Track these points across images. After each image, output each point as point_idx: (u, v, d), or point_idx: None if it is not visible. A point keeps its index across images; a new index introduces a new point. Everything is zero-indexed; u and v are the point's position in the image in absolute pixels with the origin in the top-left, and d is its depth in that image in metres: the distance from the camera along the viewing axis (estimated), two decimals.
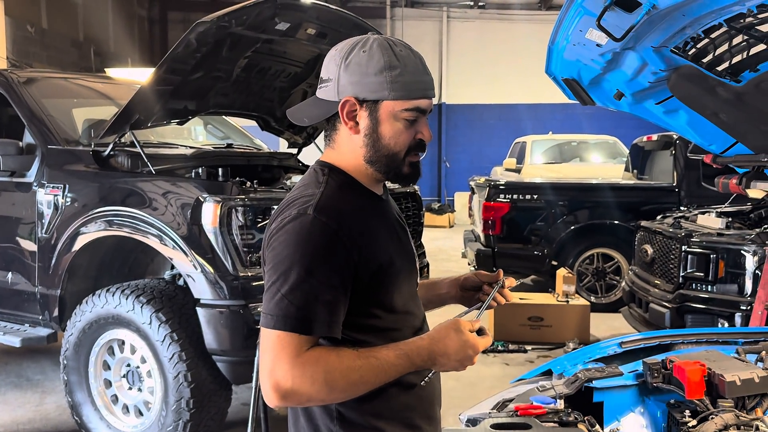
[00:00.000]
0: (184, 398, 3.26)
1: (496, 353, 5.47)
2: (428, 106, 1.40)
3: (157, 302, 3.35)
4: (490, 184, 7.18)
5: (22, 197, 3.86)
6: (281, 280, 1.26)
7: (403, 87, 1.34)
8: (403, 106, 1.35)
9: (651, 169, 7.93)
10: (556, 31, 1.82)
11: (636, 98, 2.05)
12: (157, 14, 16.07)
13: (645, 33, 1.61)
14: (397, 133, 1.37)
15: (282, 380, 1.23)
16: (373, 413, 1.35)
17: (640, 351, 2.33)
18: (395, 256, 1.40)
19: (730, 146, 2.16)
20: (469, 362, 1.32)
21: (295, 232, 1.29)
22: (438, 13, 16.31)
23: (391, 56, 1.34)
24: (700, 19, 1.48)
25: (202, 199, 3.30)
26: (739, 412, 1.76)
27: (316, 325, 1.26)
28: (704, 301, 4.43)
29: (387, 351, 1.30)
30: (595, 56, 1.84)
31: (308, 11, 3.63)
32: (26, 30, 10.72)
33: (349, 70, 1.35)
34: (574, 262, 6.94)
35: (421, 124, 1.40)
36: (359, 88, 1.34)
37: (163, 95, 3.59)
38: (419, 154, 1.42)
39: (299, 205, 1.33)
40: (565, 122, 14.50)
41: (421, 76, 1.37)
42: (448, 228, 14.12)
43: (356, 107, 1.36)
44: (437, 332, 1.33)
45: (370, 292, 1.34)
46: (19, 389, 4.56)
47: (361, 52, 1.35)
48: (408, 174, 1.42)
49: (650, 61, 1.76)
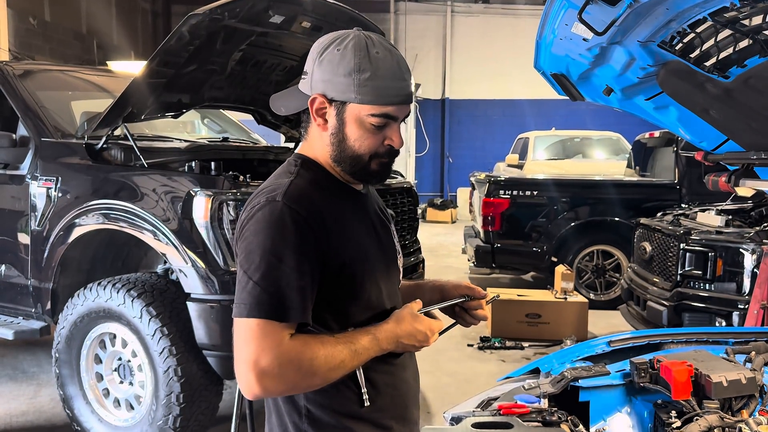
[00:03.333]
0: (174, 393, 3.25)
1: (493, 350, 5.45)
2: (398, 113, 1.34)
3: (148, 296, 3.33)
4: (490, 180, 7.15)
5: (16, 190, 3.85)
6: (252, 267, 1.25)
7: (372, 92, 1.30)
8: (370, 111, 1.32)
9: (653, 165, 7.88)
10: (542, 25, 1.79)
11: (625, 94, 2.01)
12: (160, 7, 16.05)
13: (630, 27, 1.58)
14: (362, 137, 1.34)
15: (269, 369, 1.21)
16: (342, 413, 1.33)
17: (629, 350, 2.30)
18: (371, 250, 1.39)
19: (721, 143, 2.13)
20: (427, 343, 1.41)
21: (264, 219, 1.27)
22: (442, 7, 16.24)
23: (363, 58, 1.30)
24: (684, 13, 1.44)
25: (194, 193, 3.29)
26: (723, 414, 1.73)
27: (291, 312, 1.24)
28: (702, 300, 4.40)
29: (360, 335, 1.31)
30: (582, 51, 1.81)
31: (303, 4, 3.59)
32: (29, 22, 10.71)
33: (322, 67, 1.33)
34: (573, 259, 6.91)
35: (391, 130, 1.35)
36: (329, 86, 1.32)
37: (156, 88, 3.56)
38: (388, 159, 1.38)
39: (268, 193, 1.31)
40: (568, 118, 14.42)
41: (394, 82, 1.32)
42: (451, 224, 14.10)
43: (325, 105, 1.34)
44: (398, 316, 1.36)
45: (342, 286, 1.33)
46: (14, 381, 4.57)
47: (335, 51, 1.32)
48: (374, 173, 1.38)
49: (637, 56, 1.72)
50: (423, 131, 15.89)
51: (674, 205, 6.22)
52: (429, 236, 11.51)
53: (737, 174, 2.21)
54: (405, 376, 1.46)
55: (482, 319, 1.59)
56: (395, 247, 1.52)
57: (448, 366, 4.99)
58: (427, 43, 16.32)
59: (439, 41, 16.35)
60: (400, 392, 1.43)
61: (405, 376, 1.46)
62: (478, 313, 1.57)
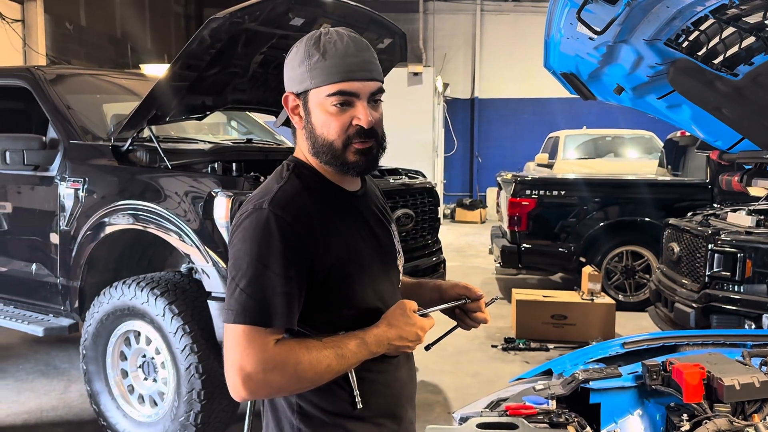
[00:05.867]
0: (196, 389, 3.31)
1: (517, 351, 5.41)
2: (357, 89, 1.32)
3: (171, 295, 3.40)
4: (516, 180, 7.09)
5: (45, 191, 3.97)
6: (240, 274, 1.27)
7: (322, 72, 1.31)
8: (325, 92, 1.32)
9: (685, 164, 7.73)
10: (549, 25, 1.78)
11: (637, 93, 1.99)
12: (193, 11, 16.30)
13: (634, 25, 1.56)
14: (327, 121, 1.33)
15: (253, 374, 1.24)
16: (334, 412, 1.35)
17: (644, 352, 2.27)
18: (363, 252, 1.39)
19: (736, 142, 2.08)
20: (419, 342, 1.40)
21: (251, 227, 1.29)
22: (471, 6, 16.15)
23: (311, 46, 1.33)
24: (686, 10, 1.42)
25: (215, 194, 3.34)
26: (733, 418, 1.70)
27: (276, 317, 1.26)
28: (731, 302, 4.31)
29: (348, 339, 1.31)
30: (590, 50, 1.79)
31: (323, 6, 3.62)
32: (65, 27, 10.99)
33: (286, 66, 1.38)
34: (602, 260, 6.82)
35: (356, 109, 1.33)
36: (291, 82, 1.37)
37: (179, 91, 3.63)
38: (365, 140, 1.34)
39: (255, 200, 1.34)
40: (601, 117, 14.21)
41: (345, 59, 1.31)
42: (480, 224, 14.02)
43: (297, 102, 1.37)
44: (389, 318, 1.36)
45: (333, 289, 1.34)
46: (46, 377, 4.70)
47: (293, 48, 1.38)
48: (355, 162, 1.35)
49: (645, 54, 1.70)
50: (451, 131, 15.83)
51: (706, 205, 6.09)
52: (457, 236, 11.47)
53: (750, 173, 2.15)
54: (399, 375, 1.46)
55: (482, 322, 1.59)
56: (395, 248, 1.52)
57: (470, 367, 4.98)
58: (455, 42, 16.25)
59: (468, 40, 16.27)
60: (394, 391, 1.44)
61: (399, 375, 1.46)
62: (477, 316, 1.56)
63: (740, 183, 2.17)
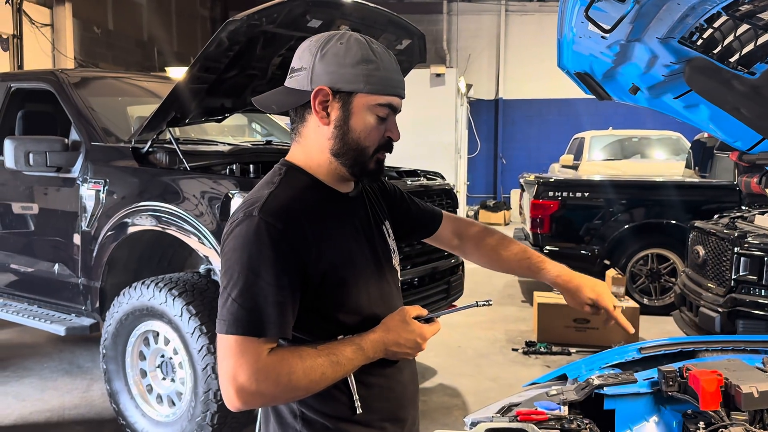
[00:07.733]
0: (212, 389, 3.32)
1: (538, 355, 5.35)
2: (398, 104, 1.40)
3: (188, 295, 3.43)
4: (539, 182, 7.02)
5: (67, 192, 4.03)
6: (231, 284, 1.26)
7: (379, 81, 1.34)
8: (377, 101, 1.35)
9: (713, 166, 7.58)
10: (561, 24, 1.74)
11: (653, 92, 1.94)
12: (219, 14, 16.48)
13: (646, 23, 1.52)
14: (368, 128, 1.36)
15: (246, 385, 1.23)
16: (335, 416, 1.34)
17: (661, 357, 2.22)
18: (357, 255, 1.38)
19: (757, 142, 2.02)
20: (419, 349, 1.38)
21: (241, 235, 1.28)
22: (496, 6, 16.06)
23: (367, 51, 1.34)
24: (698, 7, 1.38)
25: (231, 195, 3.36)
26: (750, 427, 1.65)
27: (268, 327, 1.25)
28: (757, 306, 4.20)
29: (344, 346, 1.30)
30: (603, 49, 1.75)
31: (341, 8, 3.62)
32: (93, 31, 11.18)
33: (325, 59, 1.34)
34: (627, 263, 6.71)
35: (391, 123, 1.39)
36: (335, 77, 1.33)
37: (198, 93, 3.66)
38: (386, 153, 1.41)
39: (246, 208, 1.32)
40: (627, 117, 14.01)
41: (395, 74, 1.38)
42: (504, 226, 13.92)
43: (329, 97, 1.34)
44: (387, 323, 1.35)
45: (327, 294, 1.33)
46: (70, 375, 4.77)
47: (339, 44, 1.35)
48: (373, 170, 1.41)
49: (659, 52, 1.66)
50: (474, 132, 15.74)
51: (734, 207, 5.96)
52: None
53: None
54: (401, 377, 1.44)
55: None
56: (389, 247, 1.51)
57: (490, 370, 4.93)
58: (479, 43, 16.17)
59: (492, 41, 16.18)
60: (396, 394, 1.42)
61: (401, 378, 1.44)
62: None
63: (759, 185, 2.11)
